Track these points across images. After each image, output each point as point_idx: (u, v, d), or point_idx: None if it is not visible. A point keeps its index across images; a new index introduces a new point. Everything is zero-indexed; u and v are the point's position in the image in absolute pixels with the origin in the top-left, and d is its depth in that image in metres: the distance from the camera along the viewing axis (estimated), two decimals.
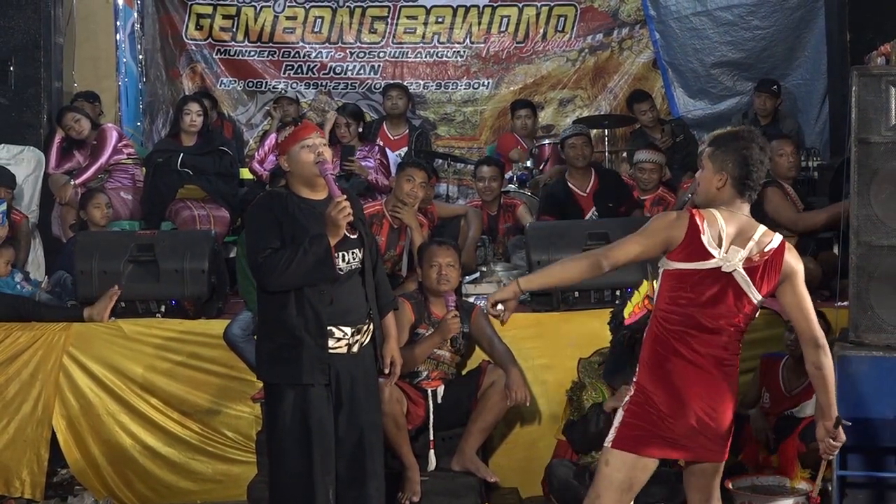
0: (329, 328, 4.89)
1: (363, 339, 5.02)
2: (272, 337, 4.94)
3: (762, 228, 4.33)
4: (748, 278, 4.25)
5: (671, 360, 4.26)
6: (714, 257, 4.22)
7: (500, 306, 4.42)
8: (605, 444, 4.33)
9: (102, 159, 8.65)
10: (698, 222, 4.23)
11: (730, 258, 4.23)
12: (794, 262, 4.32)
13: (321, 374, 4.88)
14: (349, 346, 4.96)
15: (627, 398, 4.33)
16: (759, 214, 7.46)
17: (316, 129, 5.08)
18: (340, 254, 4.90)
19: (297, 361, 4.87)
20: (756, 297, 4.29)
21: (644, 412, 4.26)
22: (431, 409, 6.12)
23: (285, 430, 4.90)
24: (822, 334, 4.40)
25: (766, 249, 4.26)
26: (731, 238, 4.24)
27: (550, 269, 4.43)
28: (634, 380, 4.35)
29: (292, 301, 4.87)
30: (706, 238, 4.22)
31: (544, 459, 6.33)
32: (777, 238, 4.32)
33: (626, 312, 5.55)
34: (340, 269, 4.91)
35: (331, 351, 4.90)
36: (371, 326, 5.07)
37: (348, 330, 4.94)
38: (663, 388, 4.25)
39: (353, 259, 4.98)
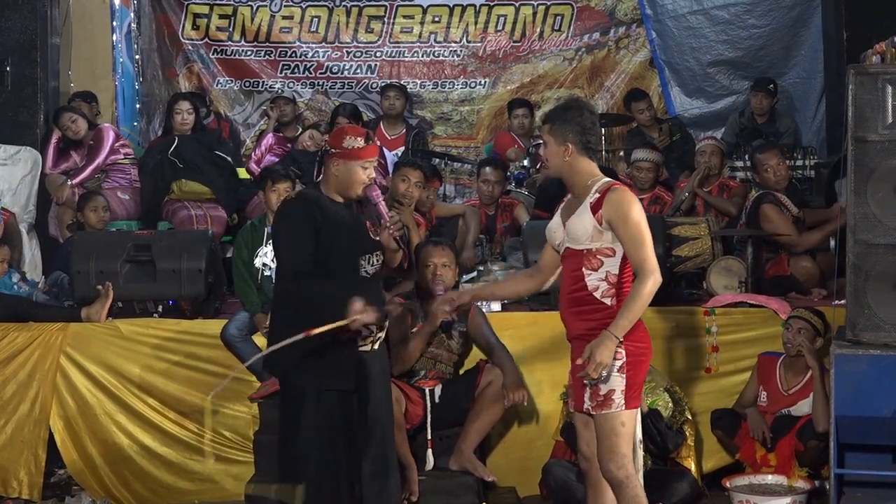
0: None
1: (380, 337, 5.10)
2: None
3: None
4: None
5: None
6: None
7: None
8: (615, 410, 4.57)
9: (99, 159, 8.64)
10: None
11: None
12: None
13: (351, 375, 4.94)
14: (373, 343, 5.02)
15: (622, 361, 4.56)
16: (756, 229, 7.49)
17: (377, 154, 5.16)
18: (366, 257, 5.01)
19: (331, 364, 4.91)
20: None
21: (640, 367, 4.62)
22: (429, 409, 6.12)
23: (314, 431, 4.92)
24: None
25: None
26: None
27: (632, 310, 4.55)
28: (621, 340, 4.54)
29: (318, 307, 4.89)
30: None
31: (542, 459, 6.34)
32: None
33: None
34: (366, 272, 5.01)
35: (359, 349, 4.99)
36: (389, 325, 5.20)
37: (375, 329, 5.00)
38: (648, 338, 4.67)
39: (377, 262, 5.06)
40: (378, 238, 5.03)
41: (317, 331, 4.78)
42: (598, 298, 4.61)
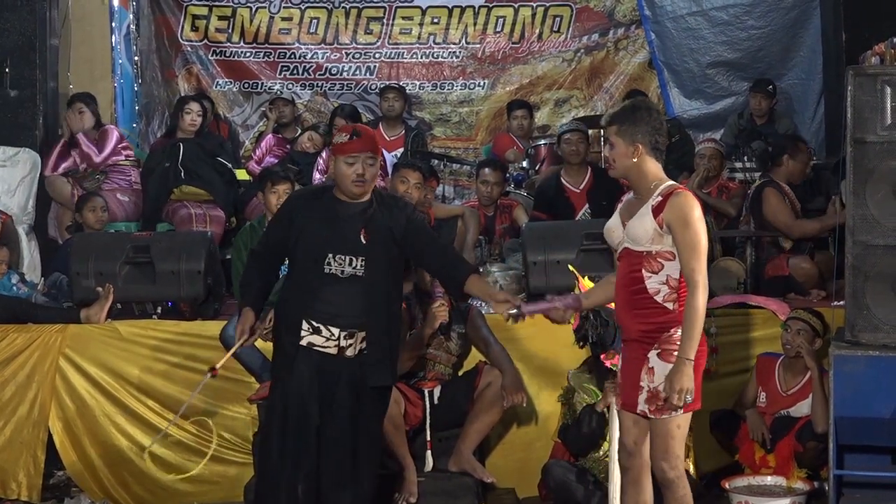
0: (318, 325, 4.96)
1: (361, 346, 5.02)
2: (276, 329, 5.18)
3: None
4: None
5: None
6: None
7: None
8: (672, 415, 4.57)
9: (105, 153, 8.67)
10: None
11: None
12: None
13: (286, 368, 5.02)
14: (340, 348, 4.98)
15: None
16: (758, 216, 7.54)
17: (370, 149, 5.02)
18: (342, 257, 4.97)
19: (275, 354, 5.16)
20: None
21: (696, 371, 4.57)
22: (428, 410, 6.12)
23: (269, 422, 5.09)
24: None
25: None
26: None
27: (694, 327, 4.52)
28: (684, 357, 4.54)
29: (284, 296, 5.09)
30: None
31: (541, 460, 6.33)
32: None
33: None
34: (339, 272, 4.97)
35: (318, 349, 4.98)
36: (374, 336, 5.02)
37: (336, 331, 4.97)
38: (702, 337, 4.59)
39: (361, 265, 4.99)
40: (365, 242, 4.99)
41: (220, 363, 5.19)
42: (660, 303, 4.58)
